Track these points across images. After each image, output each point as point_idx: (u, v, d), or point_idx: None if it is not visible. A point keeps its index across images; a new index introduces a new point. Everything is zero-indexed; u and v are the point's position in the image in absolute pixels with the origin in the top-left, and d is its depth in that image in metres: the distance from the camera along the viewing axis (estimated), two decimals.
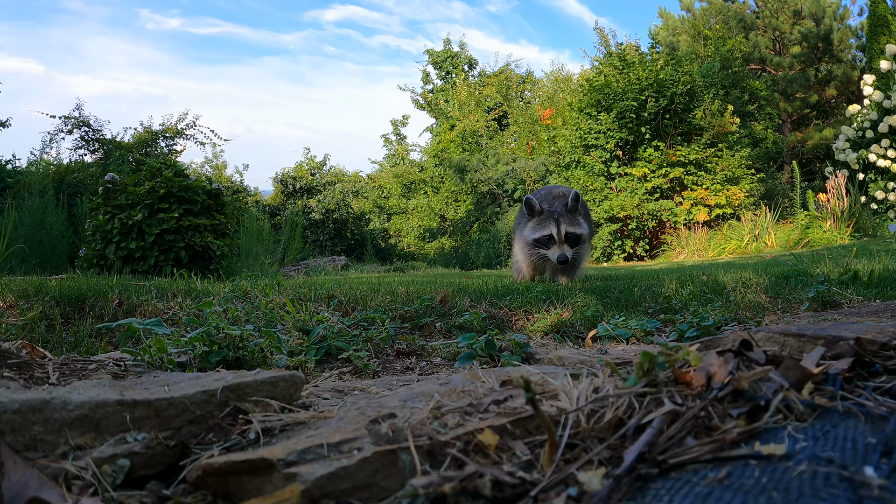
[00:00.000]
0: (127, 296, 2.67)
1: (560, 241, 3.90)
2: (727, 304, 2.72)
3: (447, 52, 23.45)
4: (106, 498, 0.77)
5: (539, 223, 3.97)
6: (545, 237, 3.92)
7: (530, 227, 4.02)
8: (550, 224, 3.91)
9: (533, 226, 4.01)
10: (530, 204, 4.00)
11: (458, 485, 0.68)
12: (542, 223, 3.95)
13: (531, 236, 4.00)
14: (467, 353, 1.89)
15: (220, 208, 6.13)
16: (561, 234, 3.90)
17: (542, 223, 3.94)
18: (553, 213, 3.94)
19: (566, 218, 3.93)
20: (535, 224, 4.00)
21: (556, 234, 3.89)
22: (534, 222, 4.00)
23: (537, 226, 3.97)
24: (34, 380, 1.36)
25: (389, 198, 21.27)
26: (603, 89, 13.61)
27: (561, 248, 3.89)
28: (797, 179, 11.09)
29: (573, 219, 3.97)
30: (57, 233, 7.30)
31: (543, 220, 3.95)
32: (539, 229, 3.96)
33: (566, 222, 3.92)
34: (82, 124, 12.02)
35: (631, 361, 1.45)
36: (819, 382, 0.84)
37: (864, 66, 13.38)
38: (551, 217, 3.93)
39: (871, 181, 10.97)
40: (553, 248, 3.92)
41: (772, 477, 0.63)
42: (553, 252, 3.91)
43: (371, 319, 2.44)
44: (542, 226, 3.94)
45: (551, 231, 3.90)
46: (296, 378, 1.07)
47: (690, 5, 21.66)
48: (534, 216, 4.01)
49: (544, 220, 3.94)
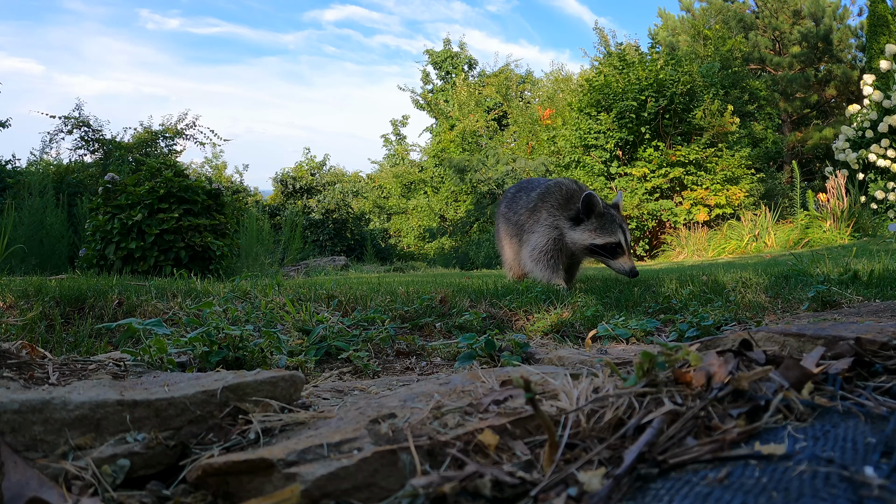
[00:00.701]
0: (127, 296, 2.67)
1: (628, 252, 3.55)
2: (727, 304, 2.72)
3: (447, 52, 23.45)
4: (106, 498, 0.77)
5: (601, 227, 3.54)
6: (611, 245, 3.52)
7: (588, 231, 3.58)
8: (616, 230, 3.51)
9: (592, 229, 3.58)
10: (591, 203, 3.53)
11: (458, 485, 0.68)
12: (604, 228, 3.53)
13: (590, 241, 3.57)
14: (467, 353, 1.89)
15: (220, 208, 6.13)
16: (628, 243, 3.55)
17: (605, 228, 3.53)
18: (615, 218, 3.56)
19: (624, 221, 3.61)
20: (594, 227, 3.57)
21: (625, 243, 3.51)
22: (593, 225, 3.57)
23: (599, 230, 3.55)
24: (34, 380, 1.36)
25: (389, 198, 21.26)
26: (603, 89, 13.62)
27: (630, 258, 3.56)
28: (797, 179, 11.09)
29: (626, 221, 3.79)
30: (57, 233, 7.29)
31: (606, 224, 3.53)
32: (602, 234, 3.54)
33: (627, 228, 3.60)
34: (82, 124, 12.02)
35: (631, 361, 1.45)
36: (819, 382, 0.84)
37: (864, 66, 13.38)
38: (613, 221, 3.54)
39: (871, 181, 10.97)
40: (621, 260, 3.55)
41: (772, 477, 0.63)
42: (622, 264, 3.54)
43: (371, 319, 2.44)
44: (605, 231, 3.53)
45: (619, 239, 3.50)
46: (296, 378, 1.07)
47: (690, 5, 21.66)
48: (591, 217, 3.57)
49: (606, 224, 3.53)
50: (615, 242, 3.53)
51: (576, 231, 3.59)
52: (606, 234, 3.53)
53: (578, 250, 3.63)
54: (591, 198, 3.52)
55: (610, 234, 3.52)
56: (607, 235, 3.53)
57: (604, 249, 3.56)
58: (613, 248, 3.54)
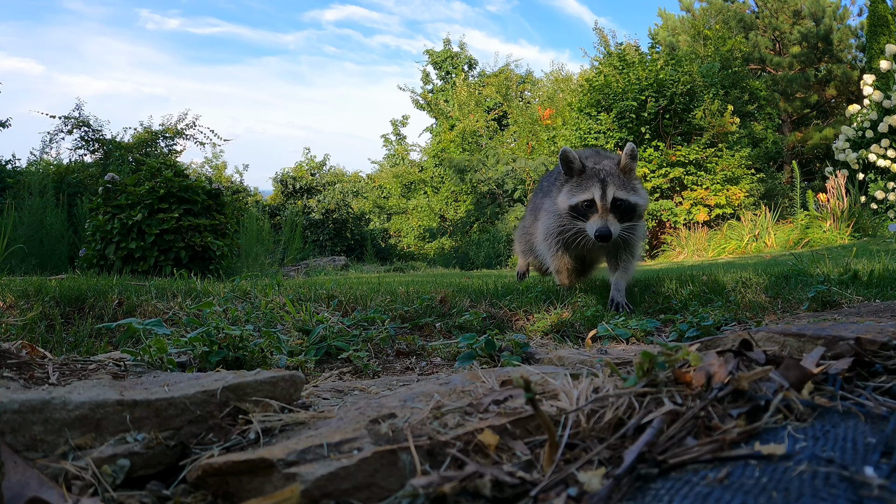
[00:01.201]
0: (127, 296, 2.67)
1: (604, 209, 2.78)
2: (727, 304, 2.72)
3: (447, 52, 23.44)
4: (106, 498, 0.77)
5: (577, 185, 2.87)
6: (583, 203, 2.82)
7: (565, 193, 2.92)
8: (593, 185, 2.81)
9: (568, 190, 2.91)
10: (567, 158, 2.88)
11: (458, 485, 0.68)
12: (580, 185, 2.86)
13: (565, 203, 2.90)
14: (467, 353, 1.89)
15: (220, 208, 6.14)
16: (606, 200, 2.78)
17: (581, 185, 2.86)
18: (598, 172, 2.85)
19: (616, 179, 2.84)
20: (571, 188, 2.90)
21: (600, 199, 2.78)
22: (570, 185, 2.91)
23: (574, 188, 2.88)
24: (34, 380, 1.36)
25: (389, 198, 21.26)
26: (603, 89, 13.62)
27: (604, 220, 2.76)
28: (797, 179, 11.09)
29: (627, 182, 2.86)
30: (57, 233, 7.29)
31: (583, 180, 2.86)
32: (575, 193, 2.86)
33: (615, 184, 2.81)
34: (82, 124, 12.02)
35: (631, 361, 1.45)
36: (819, 382, 0.84)
37: (864, 66, 13.38)
38: (595, 176, 2.84)
39: (871, 181, 10.97)
40: (592, 220, 2.79)
41: (772, 477, 0.63)
42: (592, 224, 2.78)
43: (371, 319, 2.44)
44: (579, 188, 2.85)
45: (592, 195, 2.79)
46: (296, 378, 1.07)
47: (690, 5, 21.66)
48: (572, 176, 2.91)
49: (584, 180, 2.86)
50: (587, 201, 2.80)
51: (560, 194, 2.98)
52: (580, 192, 2.84)
53: (564, 219, 2.99)
54: (565, 153, 2.89)
55: (583, 190, 2.83)
56: (580, 193, 2.83)
57: (577, 212, 2.86)
58: (586, 209, 2.83)
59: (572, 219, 2.92)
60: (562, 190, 2.97)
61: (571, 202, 2.88)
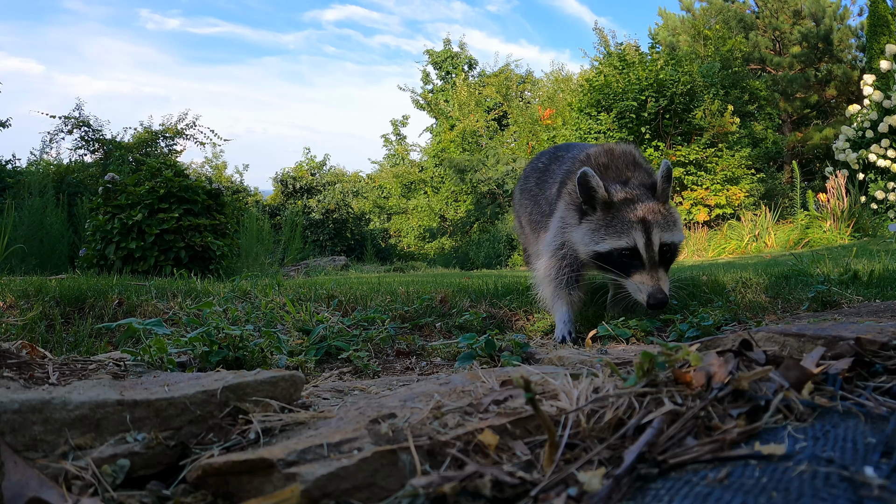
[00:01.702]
0: (127, 296, 2.67)
1: (652, 264, 2.20)
2: (727, 304, 2.72)
3: (447, 52, 23.44)
4: (106, 498, 0.77)
5: (605, 224, 2.26)
6: (619, 252, 2.22)
7: (585, 232, 2.31)
8: (632, 229, 2.21)
9: (592, 229, 2.29)
10: (588, 186, 2.24)
11: (458, 485, 0.68)
12: (610, 225, 2.24)
13: (588, 247, 2.29)
14: (467, 353, 1.89)
15: (220, 208, 6.14)
16: (654, 249, 2.20)
17: (612, 225, 2.24)
18: (636, 208, 2.24)
19: (659, 216, 2.24)
20: (595, 226, 2.29)
21: (645, 250, 2.19)
22: (593, 223, 2.30)
23: (602, 229, 2.26)
24: (34, 380, 1.36)
25: (389, 198, 21.26)
26: (603, 89, 13.62)
27: (654, 278, 2.19)
28: (797, 179, 11.09)
29: (668, 215, 2.28)
30: (57, 233, 7.30)
31: (615, 219, 2.24)
32: (604, 236, 2.25)
33: (660, 225, 2.22)
34: (82, 124, 12.03)
35: (631, 361, 1.45)
36: (819, 382, 0.84)
37: (864, 66, 13.37)
38: (632, 214, 2.23)
39: (871, 181, 10.97)
40: (638, 276, 2.20)
41: (772, 477, 0.63)
42: (638, 286, 2.20)
43: (371, 319, 2.44)
44: (610, 230, 2.24)
45: (633, 242, 2.20)
46: (296, 378, 1.07)
47: (690, 5, 21.66)
48: (596, 208, 2.29)
49: (617, 219, 2.24)
50: (625, 250, 2.20)
51: (577, 230, 2.35)
52: (611, 236, 2.23)
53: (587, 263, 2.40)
54: (586, 178, 2.23)
55: (617, 233, 2.22)
56: (613, 237, 2.22)
57: (608, 261, 2.25)
58: (624, 259, 2.22)
59: (598, 268, 2.34)
60: (580, 225, 2.34)
61: (600, 248, 2.25)
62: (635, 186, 2.34)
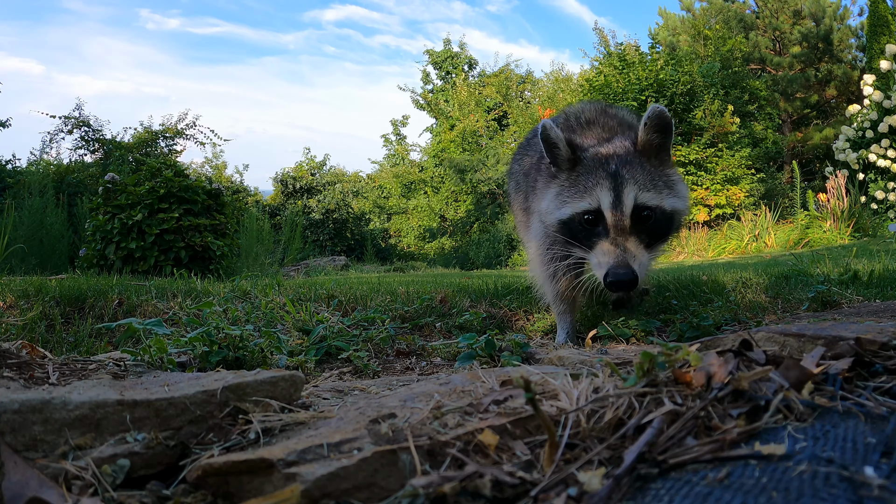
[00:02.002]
0: (127, 296, 2.67)
1: (619, 228, 1.80)
2: (727, 304, 2.72)
3: (447, 52, 23.44)
4: (106, 498, 0.77)
5: (570, 184, 1.91)
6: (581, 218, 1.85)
7: (552, 197, 1.96)
8: (595, 185, 1.83)
9: (557, 191, 1.94)
10: (549, 140, 1.90)
11: (458, 485, 0.68)
12: (575, 184, 1.89)
13: (552, 215, 1.95)
14: (467, 353, 1.89)
15: (220, 208, 6.14)
16: (623, 209, 1.80)
17: (577, 183, 1.88)
18: (606, 160, 1.88)
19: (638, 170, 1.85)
20: (560, 188, 1.94)
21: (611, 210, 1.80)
22: (559, 184, 1.95)
23: (566, 189, 1.91)
24: (34, 380, 1.36)
25: (389, 198, 21.27)
26: (603, 89, 13.62)
27: (618, 247, 1.77)
28: (797, 179, 11.09)
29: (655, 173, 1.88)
30: (57, 233, 7.30)
31: (580, 176, 1.89)
32: (568, 198, 1.89)
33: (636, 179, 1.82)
34: (82, 124, 12.03)
35: (631, 361, 1.45)
36: (819, 382, 0.84)
37: (864, 66, 13.37)
38: (601, 168, 1.86)
39: (871, 181, 10.97)
40: (600, 246, 1.80)
41: (772, 477, 0.63)
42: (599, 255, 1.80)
43: (371, 319, 2.44)
44: (575, 189, 1.88)
45: (595, 203, 1.82)
46: (296, 378, 1.07)
47: (690, 5, 21.66)
48: (560, 168, 1.95)
49: (582, 175, 1.89)
50: (587, 212, 1.82)
51: (545, 198, 2.01)
52: (574, 197, 1.86)
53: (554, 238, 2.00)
54: (545, 131, 1.90)
55: (580, 194, 1.85)
56: (575, 198, 1.86)
57: (571, 232, 1.88)
58: (587, 226, 1.84)
59: (565, 241, 1.92)
60: (548, 188, 1.98)
61: (562, 215, 1.88)
62: (612, 140, 1.94)
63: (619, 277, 1.70)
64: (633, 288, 1.76)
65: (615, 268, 1.72)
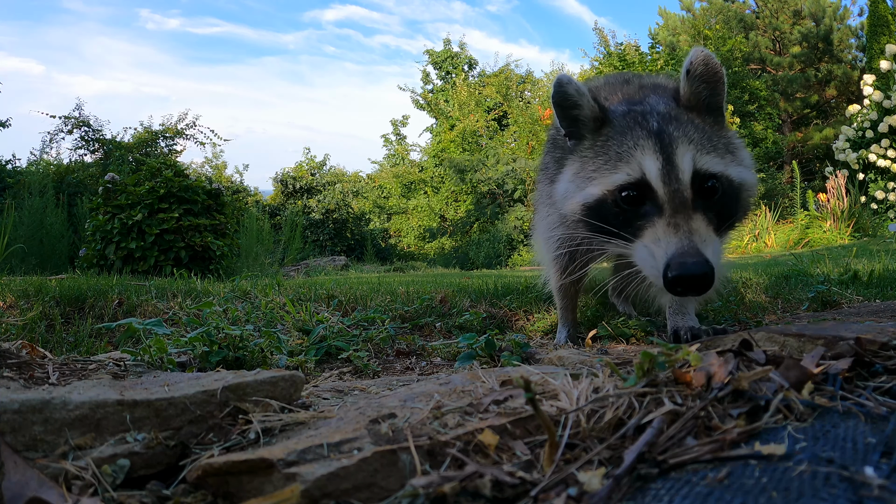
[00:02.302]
0: (127, 296, 2.67)
1: (679, 203, 1.36)
2: (727, 304, 2.72)
3: (447, 52, 23.43)
4: (106, 498, 0.77)
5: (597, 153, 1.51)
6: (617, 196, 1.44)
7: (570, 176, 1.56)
8: (640, 148, 1.42)
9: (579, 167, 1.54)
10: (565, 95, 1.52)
11: (458, 485, 0.68)
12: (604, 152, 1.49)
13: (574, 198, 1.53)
14: (467, 353, 1.89)
15: (220, 208, 6.14)
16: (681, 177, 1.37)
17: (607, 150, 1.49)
18: (645, 117, 1.48)
19: (690, 129, 1.45)
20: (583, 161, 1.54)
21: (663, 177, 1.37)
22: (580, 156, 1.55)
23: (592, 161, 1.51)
24: (34, 380, 1.36)
25: (389, 198, 21.26)
26: None
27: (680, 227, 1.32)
28: (797, 179, 11.09)
29: (714, 134, 1.49)
30: (57, 233, 7.30)
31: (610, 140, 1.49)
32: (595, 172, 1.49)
33: (691, 139, 1.42)
34: (82, 124, 12.03)
35: (631, 361, 1.45)
36: (819, 382, 0.84)
37: (864, 66, 13.37)
38: (640, 127, 1.46)
39: (871, 181, 10.97)
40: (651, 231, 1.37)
41: (772, 477, 0.63)
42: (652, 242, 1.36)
43: (371, 319, 2.44)
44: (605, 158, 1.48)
45: (642, 167, 1.40)
46: (296, 378, 1.07)
47: (690, 5, 21.66)
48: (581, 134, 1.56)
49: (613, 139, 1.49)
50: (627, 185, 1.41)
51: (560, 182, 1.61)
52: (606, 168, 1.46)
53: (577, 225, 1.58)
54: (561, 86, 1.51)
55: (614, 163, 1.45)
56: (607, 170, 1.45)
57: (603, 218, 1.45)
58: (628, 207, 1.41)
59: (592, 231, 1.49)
60: (563, 168, 1.59)
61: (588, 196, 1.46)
62: (647, 99, 1.55)
63: (687, 270, 1.22)
64: (709, 286, 1.25)
65: (680, 257, 1.23)
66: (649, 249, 1.35)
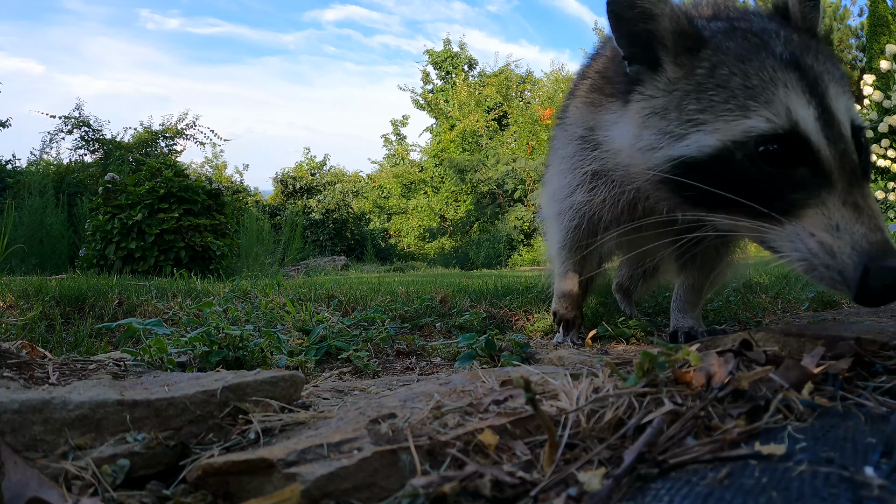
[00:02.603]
0: (127, 296, 2.67)
1: (850, 172, 1.01)
2: (727, 304, 2.72)
3: (447, 52, 23.43)
4: (106, 498, 0.77)
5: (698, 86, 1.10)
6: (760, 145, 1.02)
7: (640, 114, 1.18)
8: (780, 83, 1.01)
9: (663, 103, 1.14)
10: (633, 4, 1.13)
11: (458, 485, 0.68)
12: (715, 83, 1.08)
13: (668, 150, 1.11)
14: (467, 353, 1.89)
15: (220, 208, 6.14)
16: (844, 132, 1.02)
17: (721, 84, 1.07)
18: (764, 38, 1.09)
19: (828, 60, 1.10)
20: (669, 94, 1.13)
21: (825, 130, 1.00)
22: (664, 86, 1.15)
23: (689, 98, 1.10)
24: (34, 380, 1.36)
25: (389, 198, 21.26)
26: None
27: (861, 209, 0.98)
28: None
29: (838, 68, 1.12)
30: (57, 233, 7.30)
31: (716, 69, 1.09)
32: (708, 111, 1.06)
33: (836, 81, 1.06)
34: (82, 124, 12.04)
35: (631, 361, 1.45)
36: (819, 382, 0.84)
37: (864, 66, 13.37)
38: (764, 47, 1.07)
39: (871, 181, 10.98)
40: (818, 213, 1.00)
41: (772, 477, 0.63)
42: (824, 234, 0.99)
43: (371, 319, 2.44)
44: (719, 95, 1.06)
45: (790, 112, 1.00)
46: (296, 378, 1.07)
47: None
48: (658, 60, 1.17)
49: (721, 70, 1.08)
50: (768, 137, 1.02)
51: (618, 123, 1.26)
52: (725, 107, 1.06)
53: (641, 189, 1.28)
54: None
55: (743, 100, 1.05)
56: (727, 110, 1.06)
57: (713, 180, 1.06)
58: (766, 167, 1.02)
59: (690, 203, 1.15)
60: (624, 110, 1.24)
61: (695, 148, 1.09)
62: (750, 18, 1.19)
63: (892, 275, 0.92)
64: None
65: (882, 259, 0.93)
66: (820, 240, 0.98)
